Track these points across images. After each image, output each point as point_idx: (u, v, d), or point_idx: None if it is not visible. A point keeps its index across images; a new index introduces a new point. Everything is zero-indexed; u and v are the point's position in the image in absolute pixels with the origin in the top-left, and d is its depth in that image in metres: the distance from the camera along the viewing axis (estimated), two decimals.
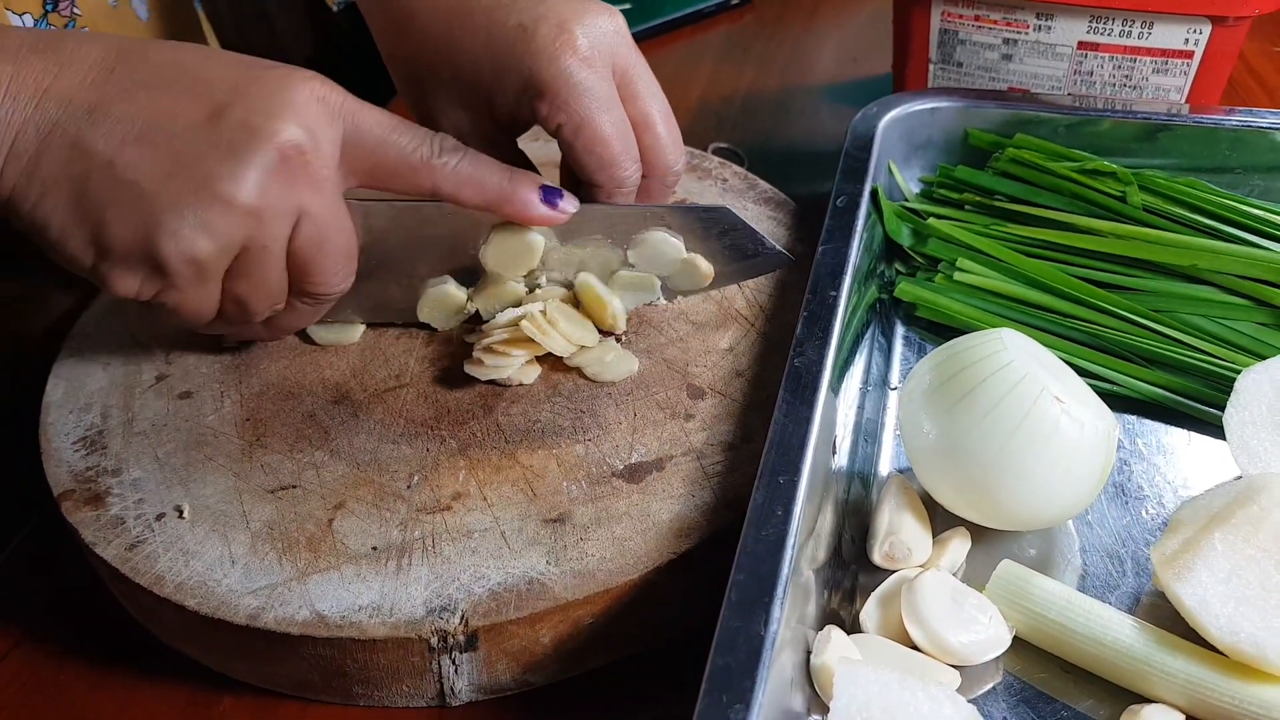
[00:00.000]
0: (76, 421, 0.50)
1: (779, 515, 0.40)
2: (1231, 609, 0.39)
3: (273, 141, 0.42)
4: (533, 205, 0.48)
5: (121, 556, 0.44)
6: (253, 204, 0.42)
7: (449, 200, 0.47)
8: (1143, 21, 0.63)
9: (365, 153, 0.45)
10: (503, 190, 0.47)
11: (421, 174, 0.46)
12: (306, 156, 0.43)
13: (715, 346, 0.53)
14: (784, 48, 0.88)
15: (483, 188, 0.47)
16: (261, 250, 0.43)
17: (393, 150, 0.45)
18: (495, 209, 0.48)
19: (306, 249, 0.44)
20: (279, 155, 0.42)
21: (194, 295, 0.44)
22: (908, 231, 0.59)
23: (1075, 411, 0.42)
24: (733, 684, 0.34)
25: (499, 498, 0.46)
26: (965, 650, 0.41)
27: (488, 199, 0.47)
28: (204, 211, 0.41)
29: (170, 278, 0.42)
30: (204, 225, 0.41)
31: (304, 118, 0.42)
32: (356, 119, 0.45)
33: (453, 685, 0.42)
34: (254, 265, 0.44)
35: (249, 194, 0.41)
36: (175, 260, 0.42)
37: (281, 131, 0.42)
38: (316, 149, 0.43)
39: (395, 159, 0.45)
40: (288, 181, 0.42)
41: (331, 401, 0.50)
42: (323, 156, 0.43)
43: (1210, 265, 0.54)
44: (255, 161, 0.41)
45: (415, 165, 0.46)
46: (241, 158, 0.41)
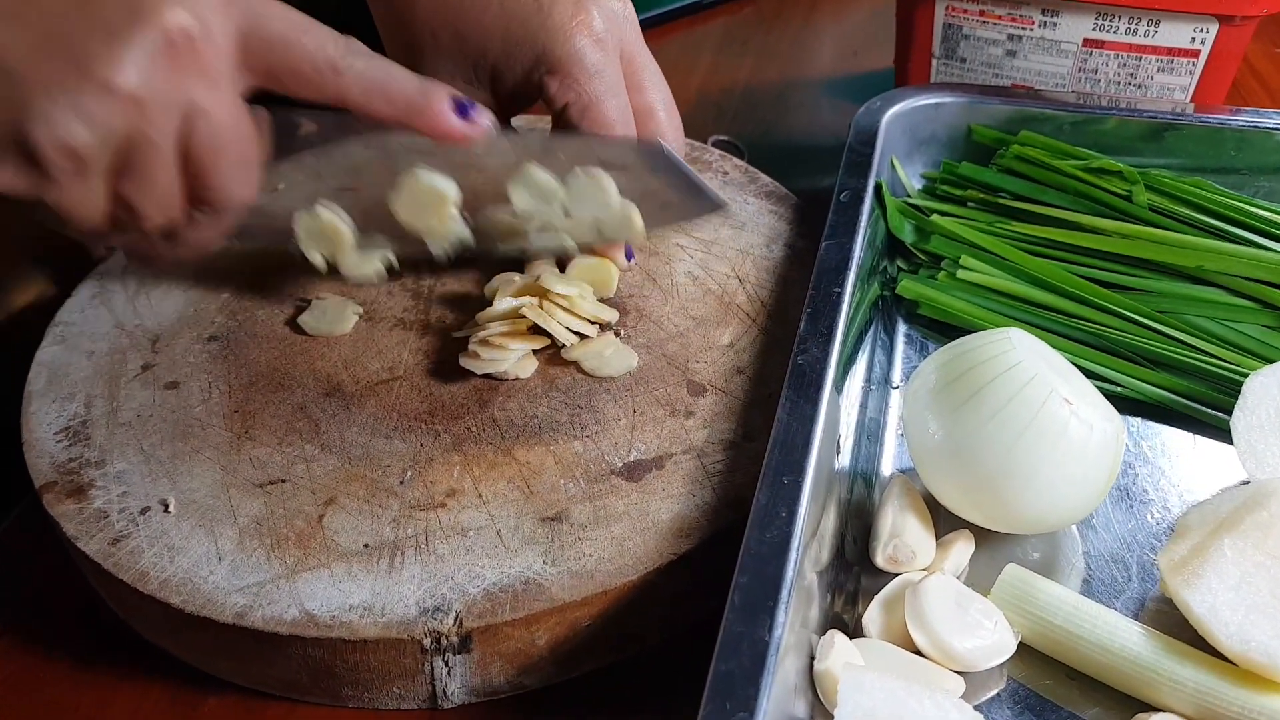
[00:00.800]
0: (59, 411, 0.49)
1: (783, 517, 0.39)
2: (1242, 617, 0.38)
3: (157, 23, 0.38)
4: (445, 116, 0.45)
5: (104, 551, 0.43)
6: (134, 90, 0.38)
7: (357, 110, 0.44)
8: (1149, 19, 0.63)
9: (267, 50, 0.42)
10: (413, 100, 0.44)
11: (326, 77, 0.43)
12: (196, 44, 0.39)
13: (716, 342, 0.52)
14: (784, 40, 0.87)
15: (392, 97, 0.44)
16: (147, 144, 0.40)
17: (295, 49, 0.42)
18: (406, 121, 0.45)
19: (200, 150, 0.41)
20: (164, 39, 0.38)
21: (74, 191, 0.40)
22: (910, 228, 0.59)
23: (1084, 413, 0.41)
24: (736, 691, 0.33)
25: (494, 495, 0.44)
26: (970, 656, 0.40)
27: (397, 109, 0.44)
28: (79, 95, 0.38)
29: (45, 168, 0.39)
30: (79, 110, 0.38)
31: (193, 3, 0.39)
32: (257, 12, 0.42)
33: (445, 687, 0.41)
34: (140, 162, 0.40)
35: (129, 78, 0.38)
36: (48, 147, 0.38)
37: (167, 14, 0.38)
38: (208, 37, 0.40)
39: (298, 59, 0.42)
40: (174, 69, 0.39)
41: (322, 394, 0.49)
42: (215, 47, 0.40)
43: (1216, 266, 0.53)
44: (137, 43, 0.38)
45: (319, 66, 0.43)
46: (121, 38, 0.38)
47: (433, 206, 0.49)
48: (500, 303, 0.50)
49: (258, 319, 0.53)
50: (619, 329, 0.52)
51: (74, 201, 0.40)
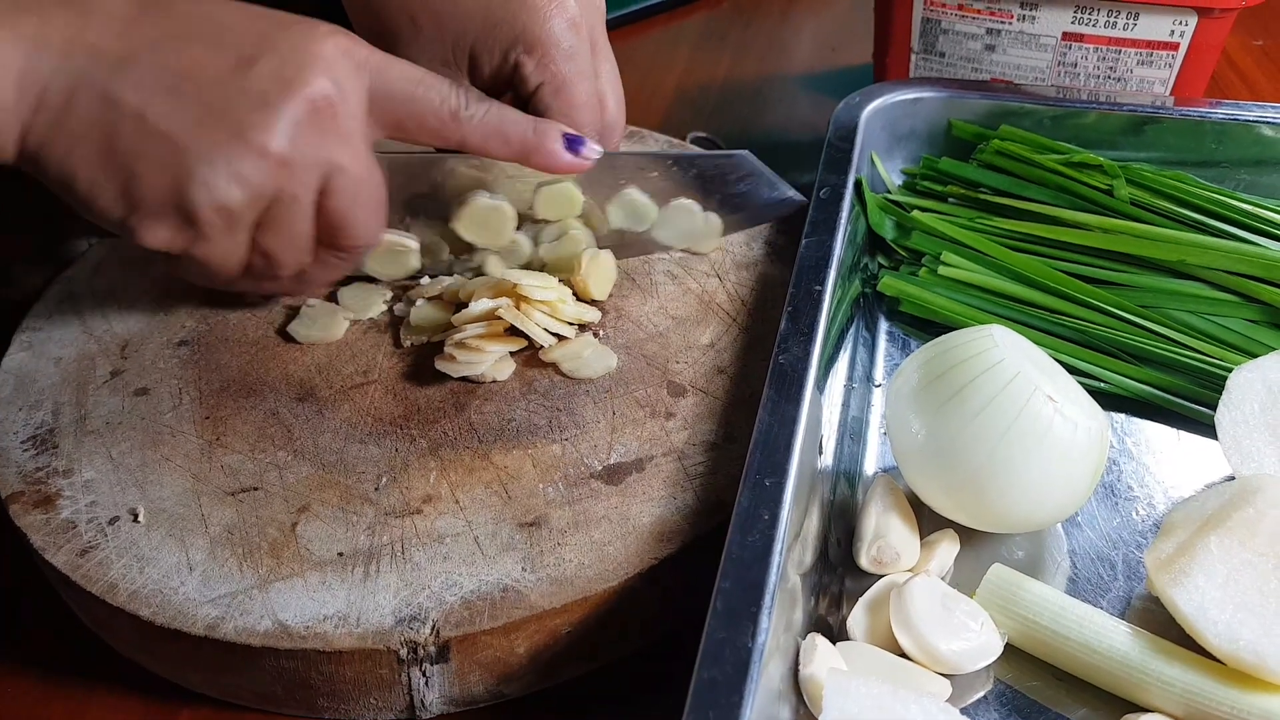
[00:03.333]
0: (26, 419, 0.48)
1: (765, 519, 0.38)
2: (1229, 615, 0.38)
3: (303, 92, 0.42)
4: (559, 154, 0.48)
5: (72, 563, 0.42)
6: (284, 153, 0.42)
7: (476, 152, 0.47)
8: (1128, 12, 0.62)
9: (393, 105, 0.45)
10: (527, 140, 0.47)
11: (449, 126, 0.46)
12: (335, 108, 0.43)
13: (696, 342, 0.51)
14: (761, 36, 0.86)
15: (508, 138, 0.47)
16: (291, 201, 0.43)
17: (420, 102, 0.45)
18: (522, 159, 0.48)
19: (338, 202, 0.44)
20: (309, 106, 0.42)
21: (223, 247, 0.43)
22: (891, 224, 0.58)
23: (1068, 411, 0.41)
24: (720, 699, 0.33)
25: (472, 500, 0.44)
26: (956, 658, 0.39)
27: (513, 149, 0.48)
28: (236, 161, 0.41)
29: (200, 228, 0.42)
30: (235, 174, 0.41)
31: (332, 70, 0.43)
32: (383, 71, 0.45)
33: (423, 698, 0.41)
34: (283, 217, 0.43)
35: (280, 143, 0.42)
36: (206, 210, 0.41)
37: (311, 82, 0.42)
38: (345, 101, 0.43)
39: (423, 111, 0.46)
40: (317, 133, 0.43)
41: (295, 399, 0.48)
42: (350, 108, 0.44)
43: (1199, 260, 0.53)
44: (286, 111, 0.42)
45: (443, 117, 0.46)
46: (273, 107, 0.41)
47: (496, 225, 0.52)
48: (476, 304, 0.49)
49: (229, 323, 0.52)
50: (597, 329, 0.52)
51: (219, 254, 0.44)
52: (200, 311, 0.53)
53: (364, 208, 0.45)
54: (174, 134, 0.41)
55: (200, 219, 0.42)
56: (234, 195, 0.42)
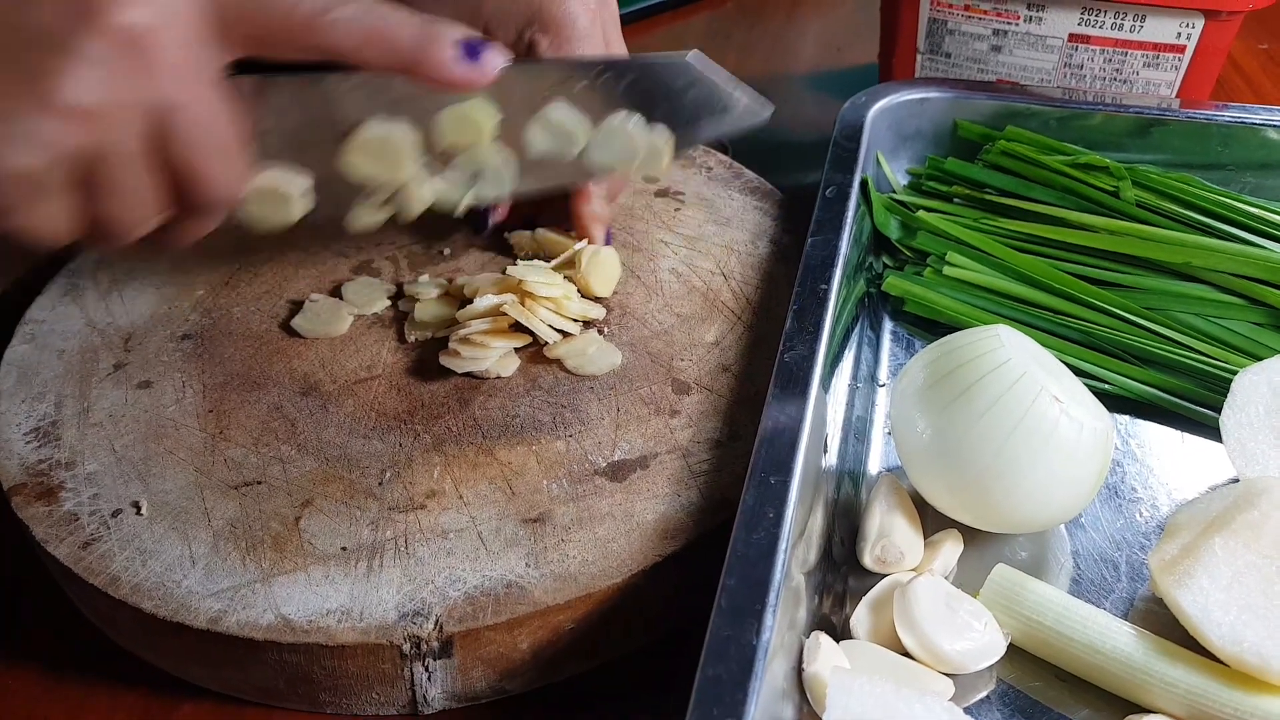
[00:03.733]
0: (29, 411, 0.47)
1: (770, 517, 0.38)
2: (1234, 617, 0.38)
3: (106, 25, 0.34)
4: (451, 63, 0.41)
5: (74, 555, 0.41)
6: (86, 104, 0.34)
7: (350, 62, 0.40)
8: (1135, 14, 0.62)
9: (242, 15, 0.38)
10: (414, 46, 0.40)
11: (314, 30, 0.39)
12: (155, 36, 0.35)
13: (701, 340, 0.51)
14: (767, 35, 0.86)
15: (389, 44, 0.40)
16: (112, 157, 0.36)
17: (276, 6, 0.38)
18: (408, 70, 0.41)
19: (182, 151, 0.37)
20: (115, 41, 0.34)
21: (38, 215, 0.36)
22: (896, 224, 0.58)
23: (1074, 412, 0.41)
24: (724, 696, 0.33)
25: (475, 496, 0.44)
26: (960, 658, 0.39)
27: (396, 56, 0.40)
28: (24, 119, 0.34)
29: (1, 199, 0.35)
30: (25, 135, 0.34)
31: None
32: None
33: (425, 693, 0.40)
34: (106, 177, 0.36)
35: (79, 93, 0.34)
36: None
37: (113, 10, 0.34)
38: (170, 25, 0.36)
39: (281, 18, 0.39)
40: (132, 71, 0.35)
41: (299, 393, 0.48)
42: (177, 33, 0.36)
43: (1205, 263, 0.53)
44: (84, 52, 0.34)
45: (305, 20, 0.39)
46: (66, 49, 0.34)
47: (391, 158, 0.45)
48: (480, 300, 0.49)
49: (233, 317, 0.52)
50: (602, 326, 0.52)
51: (37, 225, 0.37)
52: (204, 305, 0.53)
53: (216, 151, 0.38)
54: None
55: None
56: (24, 159, 0.34)
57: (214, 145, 0.38)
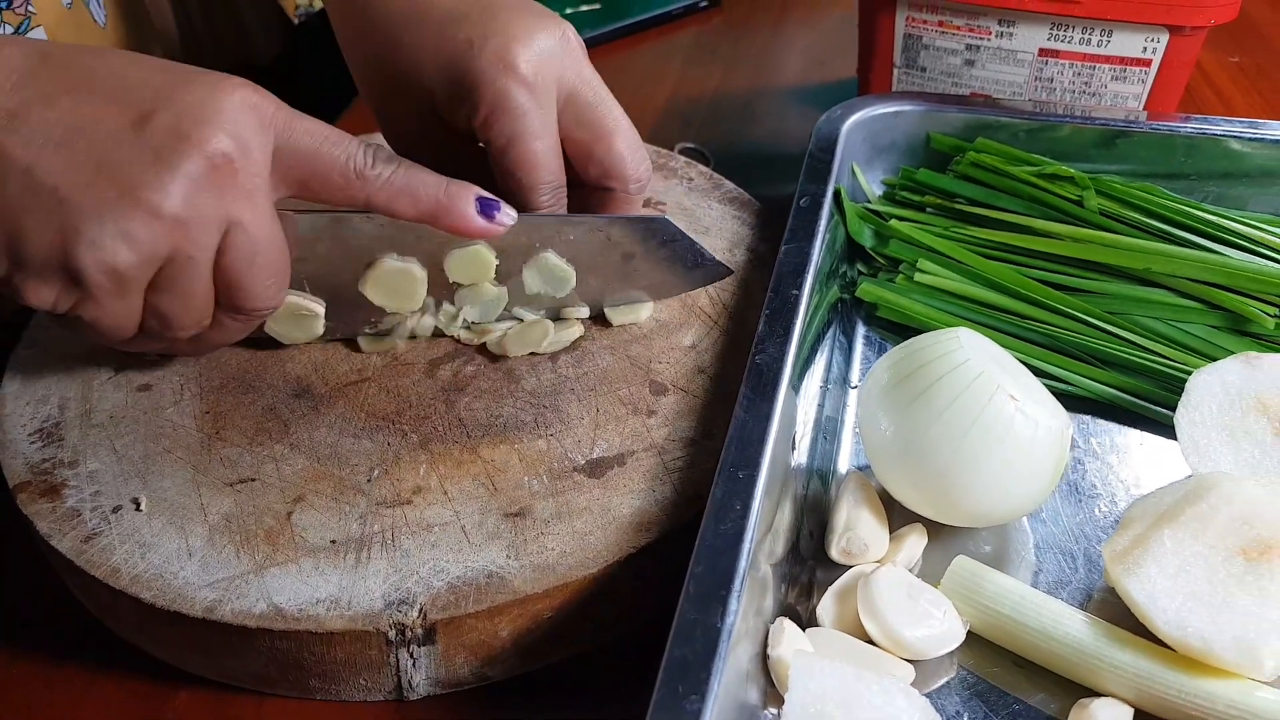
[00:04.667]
0: (33, 413, 0.49)
1: (737, 510, 0.40)
2: (1179, 604, 0.40)
3: (202, 149, 0.40)
4: (469, 218, 0.47)
5: (77, 548, 0.43)
6: (178, 213, 0.40)
7: (383, 212, 0.46)
8: (1102, 29, 0.64)
9: (298, 162, 0.44)
10: (438, 202, 0.46)
11: (355, 185, 0.45)
12: (236, 165, 0.41)
13: (678, 344, 0.53)
14: (752, 50, 0.89)
15: (417, 199, 0.46)
16: (186, 262, 0.41)
17: (325, 160, 0.44)
18: (431, 221, 0.47)
19: (236, 262, 0.43)
20: (208, 163, 0.40)
21: (113, 309, 0.42)
22: (870, 233, 0.60)
23: (1029, 410, 0.43)
24: (689, 675, 0.35)
25: (459, 492, 0.46)
26: (920, 644, 0.41)
27: (422, 210, 0.46)
28: (126, 220, 0.40)
29: (88, 289, 0.41)
30: (125, 235, 0.40)
31: (234, 125, 0.41)
32: (289, 128, 0.43)
33: (410, 679, 0.42)
34: (178, 278, 0.42)
35: (174, 203, 0.40)
36: (93, 271, 0.40)
37: (211, 139, 0.40)
38: (247, 157, 0.42)
39: (328, 169, 0.44)
40: (216, 191, 0.41)
41: (292, 395, 0.50)
42: (253, 165, 0.42)
43: (1164, 269, 0.55)
44: (182, 169, 0.40)
45: (349, 176, 0.44)
46: (168, 165, 0.40)
47: (405, 290, 0.51)
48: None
49: None
50: (586, 329, 0.54)
51: (109, 316, 0.42)
52: None
53: (263, 269, 0.44)
54: (61, 190, 0.39)
55: (87, 280, 0.40)
56: (123, 256, 0.40)
57: (263, 261, 0.44)
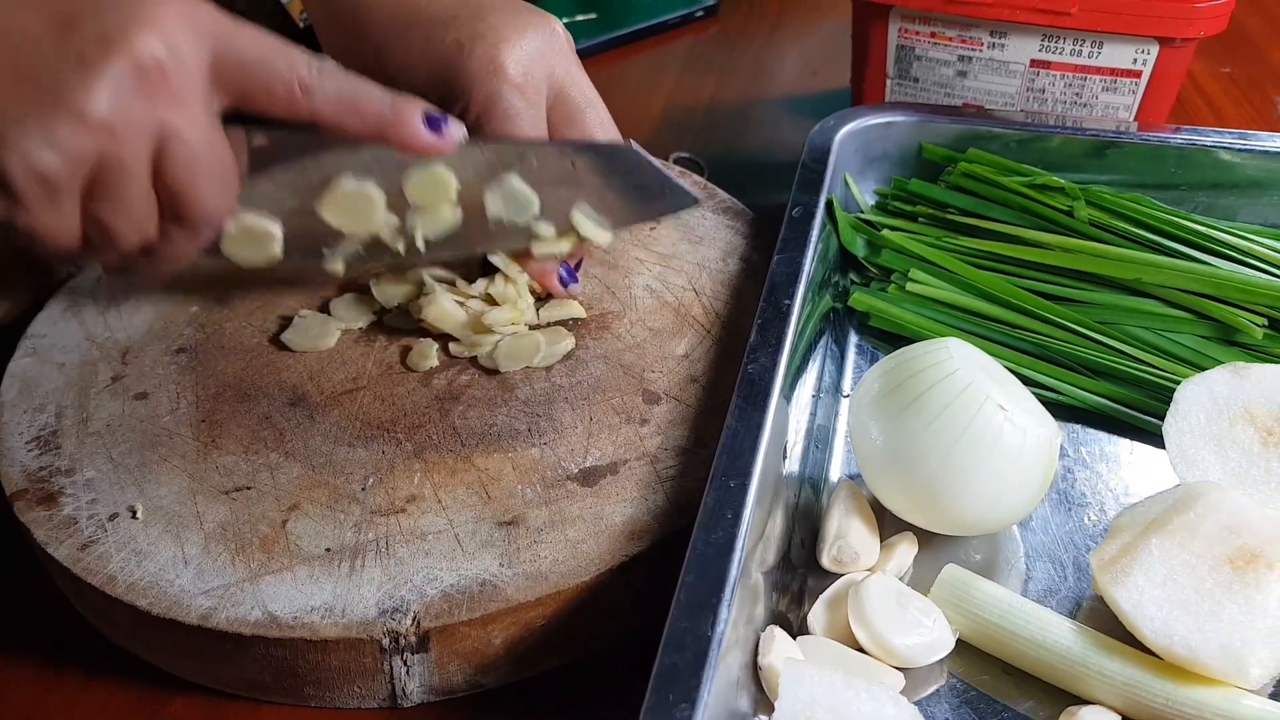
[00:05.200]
0: (30, 421, 0.50)
1: (729, 518, 0.40)
2: (1166, 613, 0.40)
3: (128, 52, 0.40)
4: (417, 131, 0.46)
5: (73, 556, 0.44)
6: (104, 117, 0.39)
7: (329, 127, 0.45)
8: (1093, 41, 0.65)
9: (239, 72, 0.43)
10: (384, 115, 0.45)
11: (298, 97, 0.44)
12: (166, 70, 0.40)
13: (671, 353, 0.53)
14: (746, 60, 0.89)
15: (363, 113, 0.45)
16: (118, 167, 0.41)
17: (268, 70, 0.43)
18: (378, 135, 0.46)
19: (175, 170, 0.42)
20: (135, 67, 0.40)
21: (47, 216, 0.41)
22: (862, 242, 0.61)
23: (1018, 419, 0.43)
24: (679, 683, 0.35)
25: (453, 500, 0.46)
26: (909, 652, 0.41)
27: (369, 124, 0.45)
28: (50, 124, 0.39)
29: (18, 195, 0.40)
30: (50, 138, 0.39)
31: (166, 32, 0.40)
32: (230, 37, 0.43)
33: (404, 686, 0.43)
34: (112, 185, 0.41)
35: (100, 106, 0.39)
36: (20, 175, 0.39)
37: (138, 43, 0.40)
38: (179, 63, 0.41)
39: (270, 79, 0.43)
40: (145, 96, 0.40)
41: (288, 404, 0.51)
42: (186, 72, 0.41)
43: (1154, 279, 0.55)
44: (108, 72, 0.39)
45: (292, 87, 0.44)
46: (93, 68, 0.39)
47: (362, 212, 0.50)
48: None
49: (226, 332, 0.55)
50: (579, 338, 0.54)
51: (46, 225, 0.41)
52: (198, 321, 0.55)
53: (205, 177, 0.43)
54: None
55: (15, 185, 0.40)
56: (47, 159, 0.39)
57: (205, 169, 0.43)
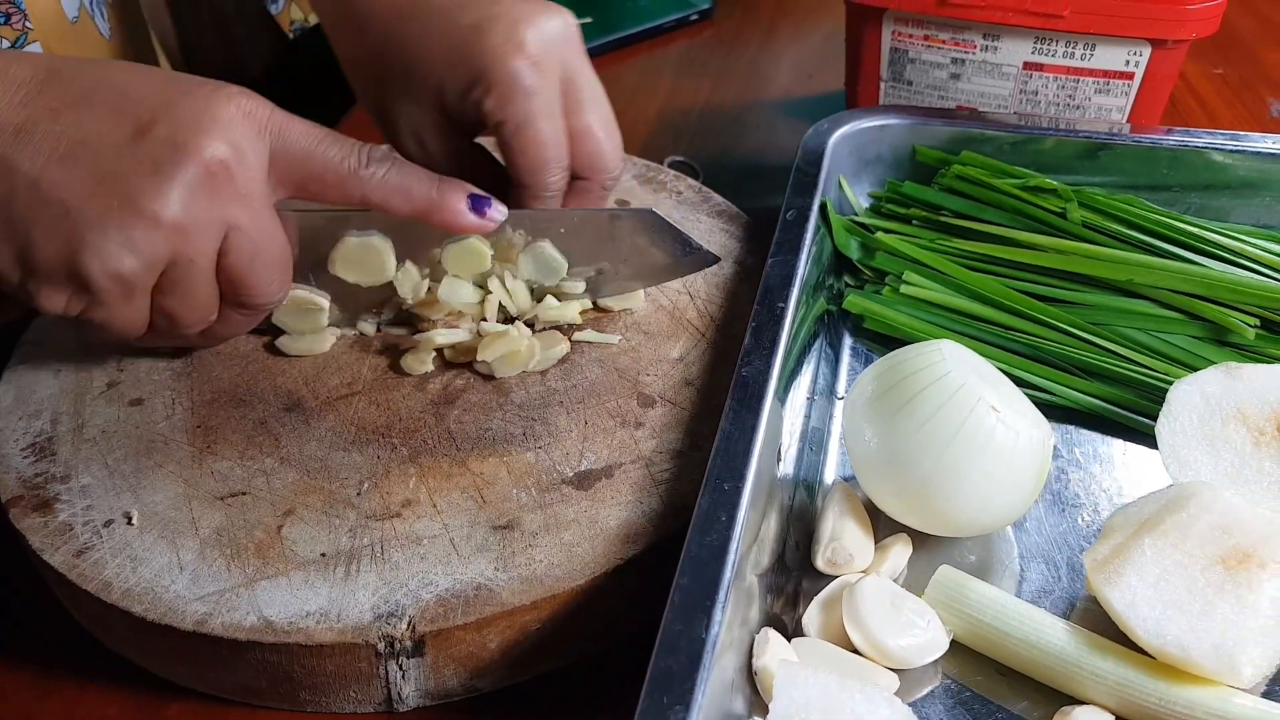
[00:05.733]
0: (26, 428, 0.50)
1: (723, 521, 0.40)
2: (1159, 613, 0.40)
3: (198, 157, 0.42)
4: (461, 214, 0.49)
5: (69, 563, 0.44)
6: (177, 220, 0.42)
7: (378, 209, 0.48)
8: (1085, 43, 0.65)
9: (294, 164, 0.46)
10: (430, 198, 0.48)
11: (350, 184, 0.47)
12: (232, 171, 0.43)
13: (666, 356, 0.54)
14: (741, 63, 0.89)
15: (410, 196, 0.48)
16: (188, 264, 0.44)
17: (321, 161, 0.46)
18: (424, 217, 0.49)
19: (238, 263, 0.45)
20: (204, 170, 0.42)
21: (122, 311, 0.44)
22: (856, 245, 0.61)
23: (1011, 420, 0.43)
24: (674, 685, 0.35)
25: (449, 505, 0.46)
26: (904, 653, 0.42)
27: (416, 207, 0.48)
28: (128, 229, 0.42)
29: (96, 294, 0.43)
30: (128, 242, 0.42)
31: (230, 133, 0.43)
32: (284, 132, 0.45)
33: (400, 691, 0.43)
34: (181, 280, 0.44)
35: (173, 210, 0.42)
36: (100, 277, 0.42)
37: (206, 147, 0.42)
38: (242, 163, 0.44)
39: (324, 169, 0.46)
40: (213, 196, 0.43)
41: (283, 409, 0.51)
42: (249, 170, 0.44)
43: (1146, 280, 0.55)
44: (179, 178, 0.42)
45: (344, 175, 0.47)
46: (166, 174, 0.42)
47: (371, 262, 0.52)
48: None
49: None
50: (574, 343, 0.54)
51: (119, 318, 0.45)
52: None
53: (264, 266, 0.46)
54: (67, 201, 0.41)
55: (95, 286, 0.42)
56: (126, 263, 0.42)
57: (264, 259, 0.46)
